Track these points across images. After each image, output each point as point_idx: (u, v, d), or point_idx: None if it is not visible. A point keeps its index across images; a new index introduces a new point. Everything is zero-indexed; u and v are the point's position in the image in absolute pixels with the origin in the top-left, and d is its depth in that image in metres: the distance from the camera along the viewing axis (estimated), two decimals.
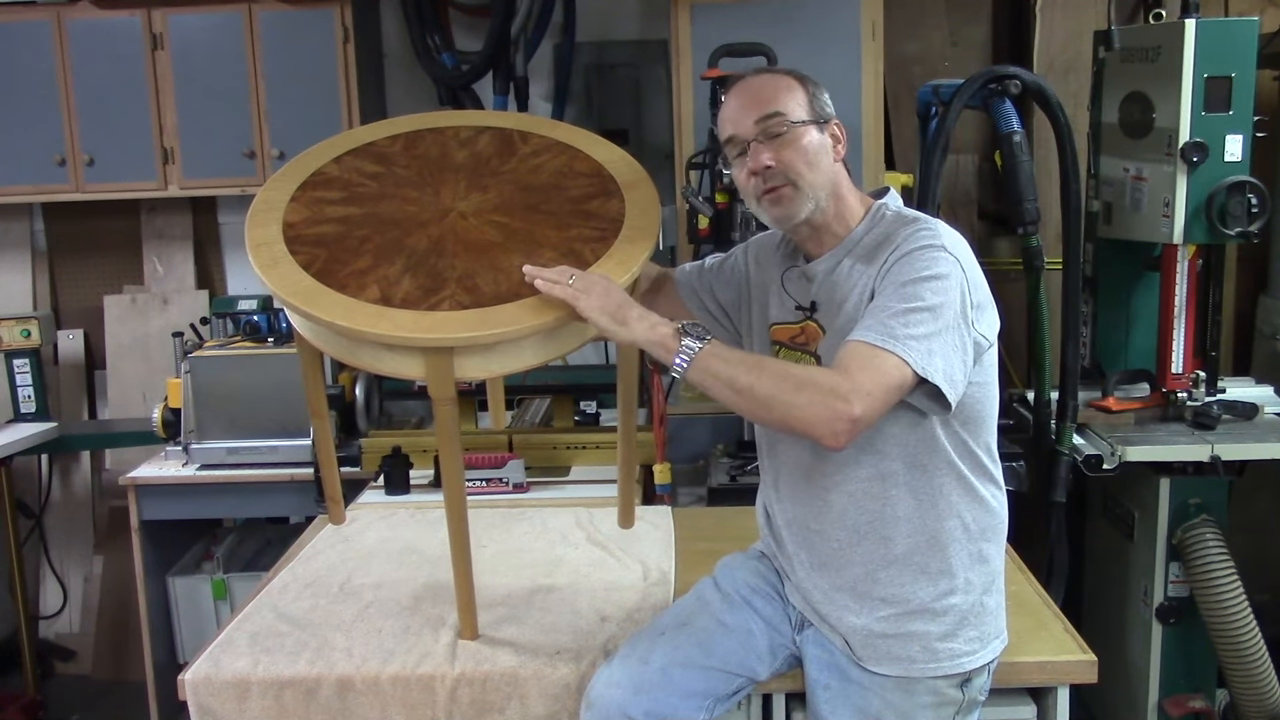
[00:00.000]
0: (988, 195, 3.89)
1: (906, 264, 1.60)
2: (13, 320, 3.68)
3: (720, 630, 1.81)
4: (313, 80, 3.59)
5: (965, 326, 1.59)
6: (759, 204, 1.72)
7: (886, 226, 1.70)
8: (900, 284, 1.58)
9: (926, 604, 1.69)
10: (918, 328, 1.54)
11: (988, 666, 1.74)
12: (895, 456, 1.67)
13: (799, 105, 1.69)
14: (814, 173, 1.68)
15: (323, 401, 2.07)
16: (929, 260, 1.59)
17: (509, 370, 1.76)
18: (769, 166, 1.67)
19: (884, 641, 1.70)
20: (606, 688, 1.75)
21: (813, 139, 1.69)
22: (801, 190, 1.68)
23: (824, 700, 1.74)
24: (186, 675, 1.87)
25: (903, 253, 1.61)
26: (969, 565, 1.71)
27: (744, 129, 1.69)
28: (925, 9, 3.83)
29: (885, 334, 1.54)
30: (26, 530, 3.94)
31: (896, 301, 1.57)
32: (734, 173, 1.74)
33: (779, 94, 1.70)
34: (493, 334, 1.66)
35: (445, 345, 1.66)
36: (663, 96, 3.84)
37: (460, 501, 1.84)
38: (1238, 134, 2.80)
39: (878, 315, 1.57)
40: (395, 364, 1.72)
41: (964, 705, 1.73)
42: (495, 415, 2.49)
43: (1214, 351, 3.06)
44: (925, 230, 1.64)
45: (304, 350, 1.96)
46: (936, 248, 1.60)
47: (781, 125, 1.68)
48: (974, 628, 1.71)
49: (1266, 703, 2.79)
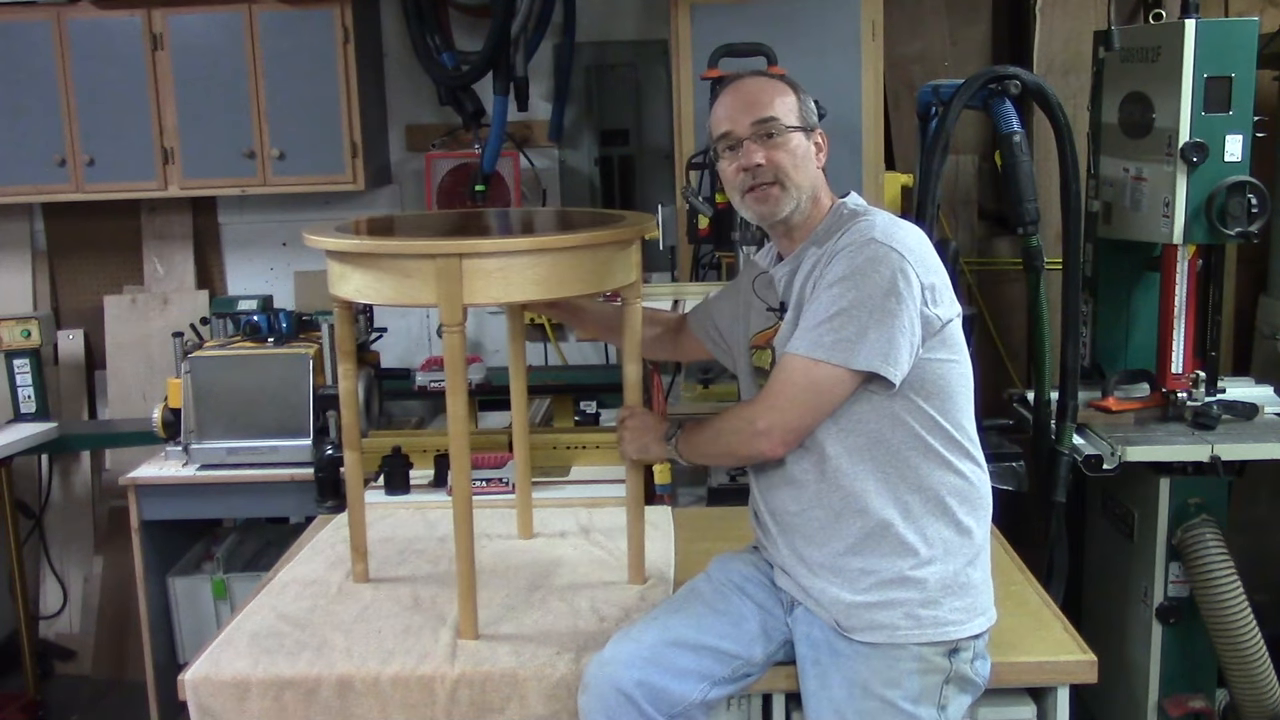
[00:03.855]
0: (988, 195, 3.89)
1: (837, 262, 1.72)
2: (13, 320, 3.68)
3: (711, 613, 1.85)
4: (313, 80, 3.60)
5: (902, 306, 1.68)
6: (742, 199, 1.85)
7: (838, 222, 1.81)
8: (829, 284, 1.71)
9: (905, 573, 1.74)
10: (844, 328, 1.68)
11: (975, 641, 1.76)
12: (861, 433, 1.75)
13: (791, 111, 1.82)
14: (799, 175, 1.81)
15: (356, 435, 2.17)
16: (857, 254, 1.70)
17: (512, 298, 1.89)
18: (760, 164, 1.80)
19: (867, 611, 1.74)
20: (599, 667, 1.77)
21: (800, 143, 1.82)
22: (787, 190, 1.81)
23: (814, 675, 1.78)
24: (186, 675, 1.87)
25: (835, 250, 1.74)
26: (948, 536, 1.76)
27: (739, 127, 1.81)
28: (925, 9, 3.83)
29: (811, 344, 1.71)
30: (26, 530, 3.94)
31: (824, 307, 1.71)
32: (722, 166, 1.86)
33: (774, 99, 1.82)
34: (494, 243, 1.84)
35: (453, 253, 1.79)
36: (663, 96, 3.84)
37: (464, 450, 1.89)
38: (1238, 134, 2.80)
39: (806, 323, 1.73)
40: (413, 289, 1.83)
41: (952, 676, 1.74)
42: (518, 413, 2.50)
43: (1214, 351, 3.06)
44: (864, 223, 1.76)
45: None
46: (866, 241, 1.71)
47: (775, 128, 1.80)
48: (958, 598, 1.75)
49: (1266, 703, 2.79)
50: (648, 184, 3.95)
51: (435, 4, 3.74)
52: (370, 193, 3.92)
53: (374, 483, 2.84)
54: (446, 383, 1.87)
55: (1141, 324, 3.20)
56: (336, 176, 3.67)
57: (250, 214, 4.08)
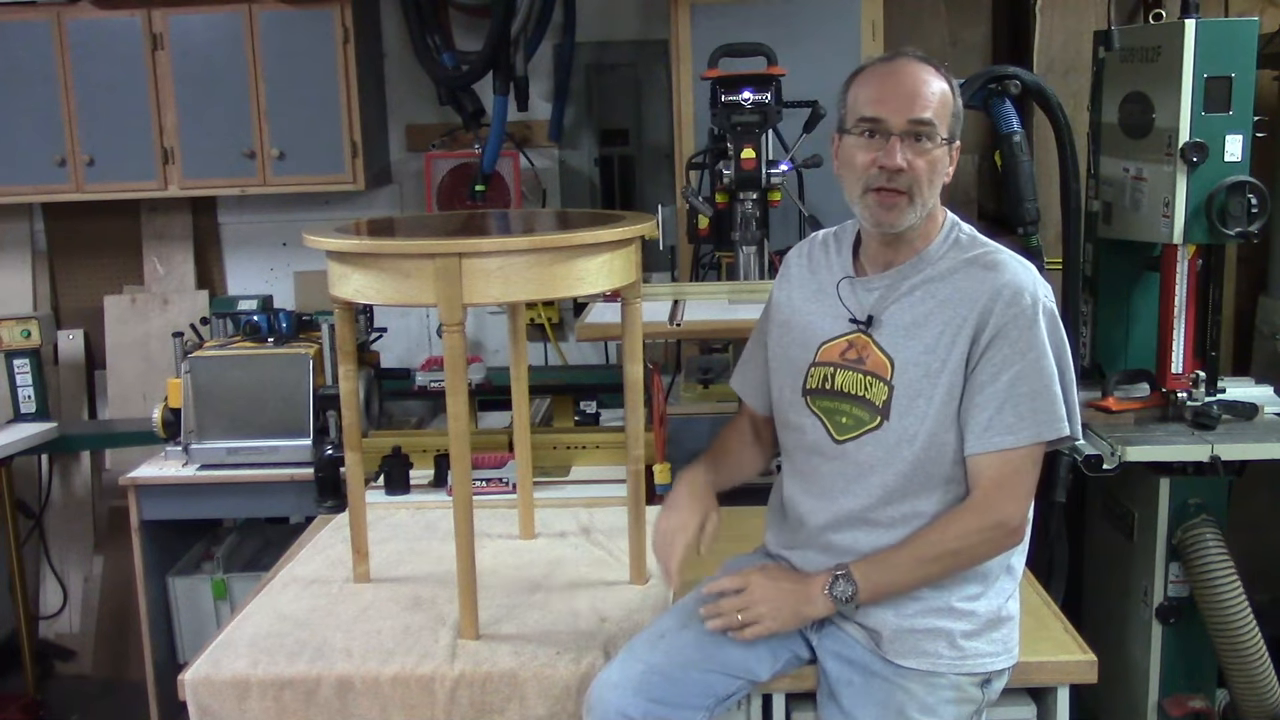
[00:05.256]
0: (988, 195, 3.90)
1: (1018, 329, 1.66)
2: (13, 320, 3.67)
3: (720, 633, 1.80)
4: (313, 80, 3.60)
5: (1068, 353, 1.70)
6: (862, 197, 1.70)
7: (963, 251, 1.74)
8: (1022, 353, 1.65)
9: (953, 604, 1.73)
10: (1054, 405, 1.66)
11: (1006, 672, 1.78)
12: (956, 492, 1.73)
13: (946, 118, 1.68)
14: (931, 190, 1.69)
15: (357, 436, 2.15)
16: (1040, 318, 1.67)
17: (512, 297, 1.86)
18: (901, 169, 1.65)
19: (912, 636, 1.72)
20: (606, 689, 1.75)
21: (943, 157, 1.69)
22: (914, 204, 1.68)
23: (847, 696, 1.75)
24: (186, 675, 1.86)
25: (1010, 316, 1.66)
26: (999, 572, 1.76)
27: (896, 119, 1.66)
28: (925, 9, 3.83)
29: (1020, 430, 1.65)
30: (26, 530, 3.94)
31: (1025, 383, 1.65)
32: (851, 145, 1.70)
33: (939, 102, 1.67)
34: (494, 243, 1.83)
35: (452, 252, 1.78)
36: (663, 96, 3.84)
37: (465, 443, 1.89)
38: (1238, 134, 2.79)
39: (1006, 406, 1.65)
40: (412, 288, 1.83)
41: (983, 706, 1.76)
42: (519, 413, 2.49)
43: (1214, 351, 3.05)
44: (1003, 267, 1.70)
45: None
46: (1040, 304, 1.67)
47: (930, 133, 1.66)
48: (997, 630, 1.76)
49: (1266, 703, 2.79)
50: (648, 184, 3.95)
51: (435, 4, 3.74)
52: (370, 193, 3.92)
53: (374, 483, 2.84)
54: (446, 383, 1.87)
55: (1141, 324, 3.19)
56: (336, 176, 3.67)
57: (250, 214, 4.08)
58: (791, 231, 3.16)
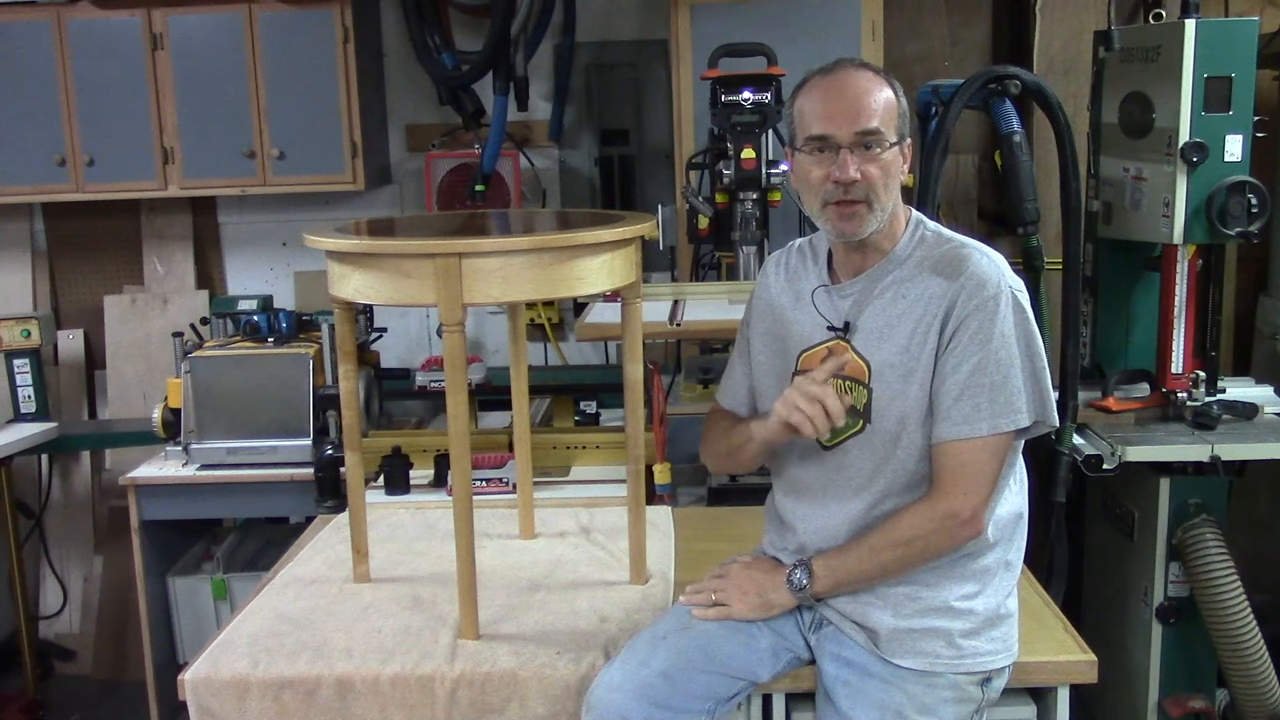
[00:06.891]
0: (988, 195, 3.90)
1: (971, 321, 1.65)
2: (13, 320, 3.67)
3: (722, 633, 1.81)
4: (313, 80, 3.60)
5: (1037, 343, 1.68)
6: (823, 211, 1.71)
7: (929, 249, 1.73)
8: (976, 345, 1.65)
9: (951, 602, 1.73)
10: (1013, 397, 1.65)
11: (1006, 670, 1.77)
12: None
13: (892, 120, 1.69)
14: (888, 194, 1.70)
15: (357, 436, 2.16)
16: (986, 305, 1.65)
17: (512, 297, 1.86)
18: (855, 180, 1.66)
19: (910, 636, 1.73)
20: (607, 691, 1.75)
21: (895, 158, 1.70)
22: (874, 210, 1.69)
23: (844, 696, 1.74)
24: (186, 675, 1.86)
25: (972, 307, 1.65)
26: (998, 569, 1.76)
27: (841, 134, 1.67)
28: (925, 9, 3.83)
29: (976, 421, 1.65)
30: (26, 530, 3.94)
31: (983, 374, 1.65)
32: (804, 163, 1.71)
33: (884, 109, 1.68)
34: (494, 243, 1.84)
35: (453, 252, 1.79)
36: (663, 96, 3.84)
37: (464, 442, 1.88)
38: (1238, 134, 2.79)
39: (964, 397, 1.65)
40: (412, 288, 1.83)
41: (983, 706, 1.76)
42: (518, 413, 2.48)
43: (1214, 351, 3.05)
44: (967, 258, 1.69)
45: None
46: (993, 294, 1.65)
47: (877, 141, 1.67)
48: (996, 628, 1.75)
49: (1266, 703, 2.79)
50: (648, 184, 3.94)
51: (435, 4, 3.74)
52: (370, 193, 3.92)
53: (374, 483, 2.84)
54: (446, 383, 1.87)
55: (1141, 324, 3.19)
56: (336, 176, 3.67)
57: (250, 214, 4.08)
58: (791, 231, 3.16)
